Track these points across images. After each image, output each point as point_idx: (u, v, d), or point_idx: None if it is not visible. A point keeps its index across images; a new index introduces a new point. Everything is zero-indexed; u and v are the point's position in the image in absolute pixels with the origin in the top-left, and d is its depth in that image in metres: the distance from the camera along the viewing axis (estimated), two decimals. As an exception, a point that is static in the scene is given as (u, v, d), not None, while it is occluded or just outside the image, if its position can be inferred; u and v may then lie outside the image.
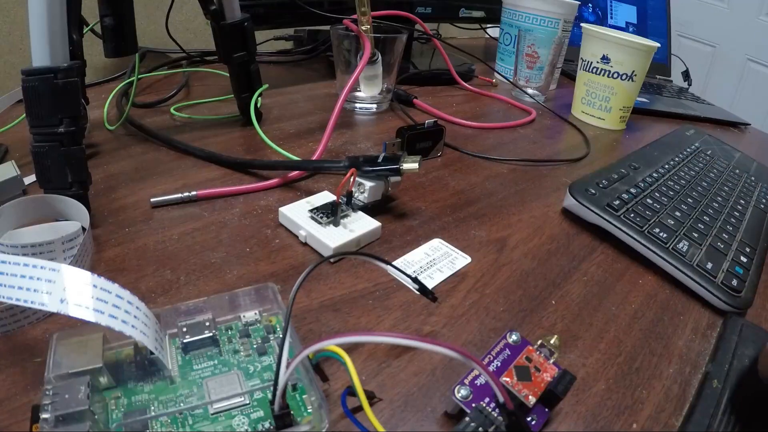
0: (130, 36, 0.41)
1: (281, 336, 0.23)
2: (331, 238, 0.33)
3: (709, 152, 0.60)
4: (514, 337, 0.24)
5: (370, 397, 0.23)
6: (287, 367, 0.19)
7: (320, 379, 0.23)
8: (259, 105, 0.51)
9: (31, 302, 0.19)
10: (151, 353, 0.21)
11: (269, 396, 0.20)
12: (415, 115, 0.61)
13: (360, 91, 0.59)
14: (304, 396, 0.22)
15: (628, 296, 0.34)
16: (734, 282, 0.35)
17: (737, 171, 0.57)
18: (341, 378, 0.24)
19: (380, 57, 0.55)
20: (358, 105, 0.60)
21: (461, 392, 0.22)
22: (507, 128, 0.61)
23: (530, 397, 0.22)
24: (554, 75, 0.82)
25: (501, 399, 0.19)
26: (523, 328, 0.29)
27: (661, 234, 0.37)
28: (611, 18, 1.06)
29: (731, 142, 0.70)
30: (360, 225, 0.35)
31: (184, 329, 0.24)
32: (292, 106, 0.59)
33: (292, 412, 0.20)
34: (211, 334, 0.24)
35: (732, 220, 0.44)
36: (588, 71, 0.67)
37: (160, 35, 0.68)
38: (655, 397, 0.26)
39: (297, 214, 0.35)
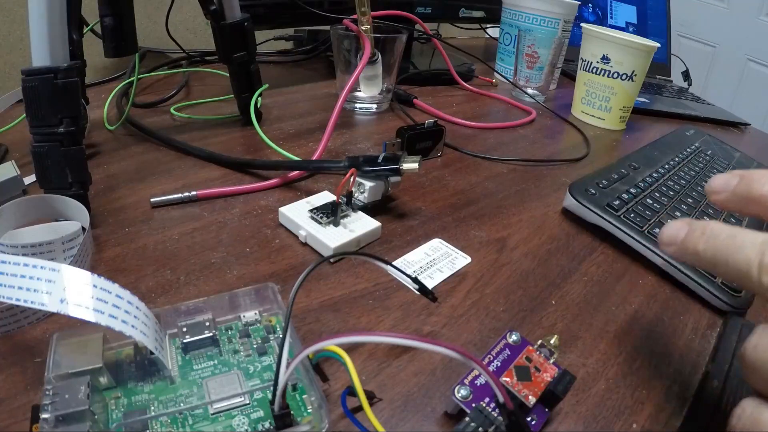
0: (130, 36, 0.41)
1: (281, 336, 0.23)
2: (331, 238, 0.33)
3: (709, 152, 0.60)
4: (514, 337, 0.24)
5: (370, 397, 0.23)
6: (287, 367, 0.19)
7: (320, 379, 0.23)
8: (259, 105, 0.51)
9: (31, 302, 0.19)
10: (151, 353, 0.21)
11: (269, 396, 0.20)
12: (415, 115, 0.61)
13: (360, 91, 0.59)
14: (304, 396, 0.22)
15: (628, 296, 0.34)
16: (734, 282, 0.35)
17: (737, 171, 0.57)
18: (341, 378, 0.24)
19: (380, 57, 0.55)
20: (358, 105, 0.60)
21: (461, 392, 0.22)
22: (507, 128, 0.61)
23: (530, 397, 0.22)
24: (554, 75, 0.82)
25: (501, 399, 0.19)
26: (523, 328, 0.29)
27: (661, 234, 0.37)
28: (611, 18, 1.06)
29: (731, 142, 0.70)
30: (360, 225, 0.35)
31: (184, 329, 0.24)
32: (292, 106, 0.59)
33: (292, 412, 0.20)
34: (211, 334, 0.24)
35: (732, 220, 0.44)
36: (588, 71, 0.67)
37: (160, 35, 0.68)
38: (655, 397, 0.26)
39: (297, 214, 0.35)
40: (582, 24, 0.68)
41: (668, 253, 0.24)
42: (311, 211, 0.35)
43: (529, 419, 0.22)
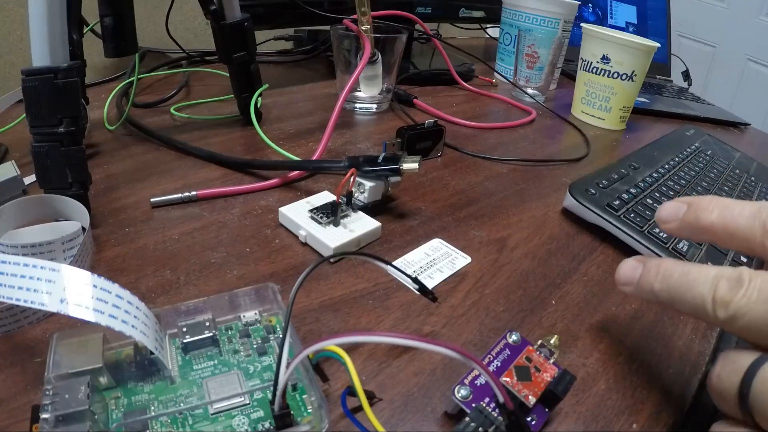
0: (130, 36, 0.41)
1: (281, 336, 0.23)
2: (331, 238, 0.33)
3: (709, 152, 0.60)
4: (514, 337, 0.24)
5: (370, 397, 0.23)
6: (287, 367, 0.19)
7: (320, 379, 0.23)
8: (259, 105, 0.51)
9: (31, 302, 0.19)
10: (151, 353, 0.21)
11: (269, 396, 0.20)
12: (415, 115, 0.61)
13: (360, 91, 0.59)
14: (304, 396, 0.22)
15: (628, 296, 0.34)
16: (734, 282, 0.35)
17: (737, 171, 0.57)
18: (341, 378, 0.24)
19: (380, 57, 0.55)
20: (358, 105, 0.60)
21: (461, 392, 0.22)
22: (507, 128, 0.61)
23: (530, 397, 0.22)
24: (554, 75, 0.82)
25: (501, 399, 0.19)
26: (523, 328, 0.29)
27: (661, 234, 0.37)
28: (611, 18, 1.06)
29: (731, 142, 0.70)
30: (360, 225, 0.35)
31: (184, 329, 0.24)
32: (292, 106, 0.59)
33: (292, 412, 0.20)
34: (211, 334, 0.24)
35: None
36: (588, 71, 0.67)
37: (160, 35, 0.68)
38: (655, 397, 0.26)
39: (297, 214, 0.35)
40: (582, 24, 0.69)
41: (626, 292, 0.25)
42: (311, 211, 0.35)
43: (529, 419, 0.22)
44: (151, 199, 0.36)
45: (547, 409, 0.22)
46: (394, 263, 0.28)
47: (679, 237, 0.24)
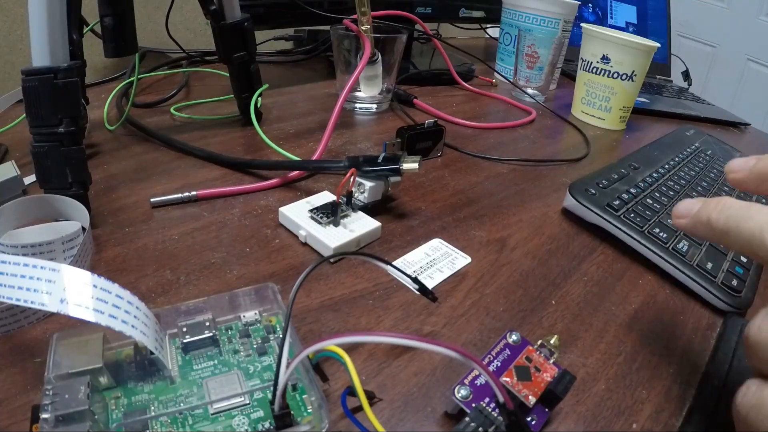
0: (130, 36, 0.41)
1: (281, 336, 0.23)
2: (331, 238, 0.33)
3: (709, 152, 0.60)
4: (514, 337, 0.24)
5: (370, 397, 0.23)
6: (287, 367, 0.19)
7: (320, 379, 0.23)
8: (259, 105, 0.51)
9: (31, 302, 0.19)
10: (151, 353, 0.21)
11: (269, 396, 0.20)
12: (415, 115, 0.61)
13: (360, 91, 0.59)
14: (304, 396, 0.22)
15: (628, 296, 0.34)
16: (734, 282, 0.35)
17: (737, 171, 0.57)
18: (341, 378, 0.24)
19: (380, 57, 0.55)
20: (358, 105, 0.60)
21: (461, 392, 0.22)
22: (507, 128, 0.61)
23: (530, 397, 0.22)
24: (554, 75, 0.82)
25: (501, 399, 0.19)
26: (523, 328, 0.29)
27: (661, 234, 0.37)
28: (611, 18, 1.06)
29: (731, 142, 0.70)
30: (360, 225, 0.35)
31: (184, 329, 0.24)
32: (292, 106, 0.59)
33: (292, 412, 0.20)
34: (211, 334, 0.24)
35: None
36: (588, 71, 0.67)
37: (160, 35, 0.68)
38: (655, 397, 0.26)
39: (297, 214, 0.35)
40: (582, 24, 0.68)
41: (680, 226, 0.25)
42: (311, 211, 0.35)
43: (529, 419, 0.22)
44: (151, 199, 0.36)
45: (547, 409, 0.22)
46: (394, 263, 0.28)
47: (742, 189, 0.25)
